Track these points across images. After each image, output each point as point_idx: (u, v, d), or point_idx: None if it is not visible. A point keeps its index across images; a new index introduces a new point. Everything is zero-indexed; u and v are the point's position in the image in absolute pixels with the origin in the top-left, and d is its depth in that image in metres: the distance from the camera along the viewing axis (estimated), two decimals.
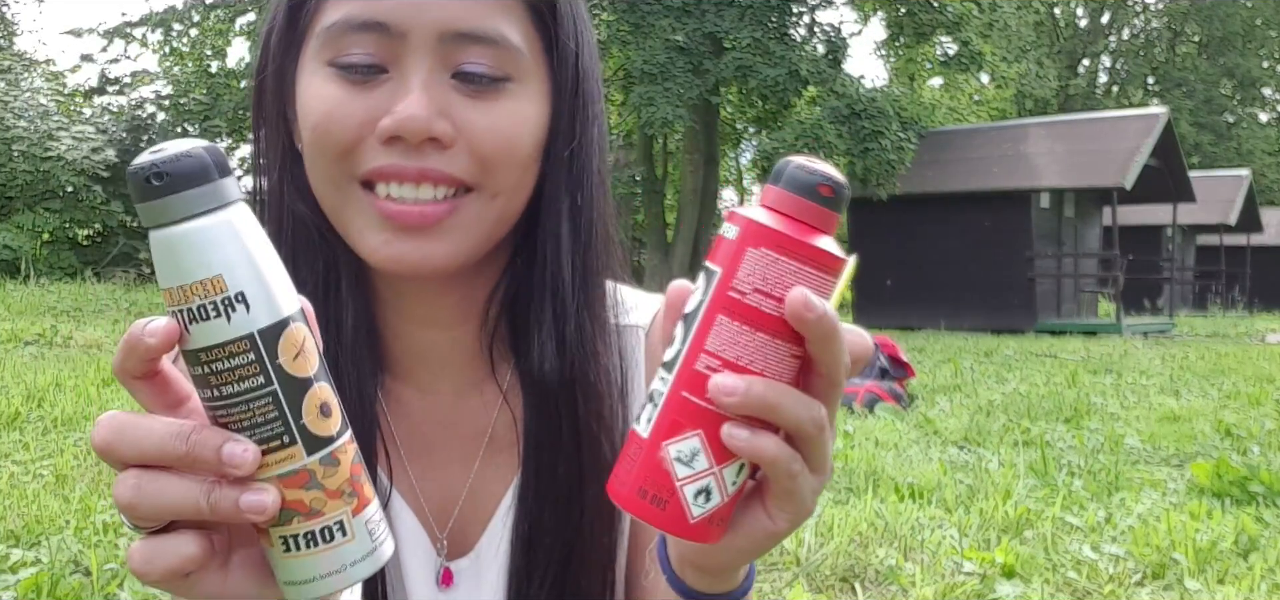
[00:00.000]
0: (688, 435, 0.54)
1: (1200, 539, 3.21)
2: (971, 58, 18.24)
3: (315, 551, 0.52)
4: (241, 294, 0.49)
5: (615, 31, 16.06)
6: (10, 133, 15.57)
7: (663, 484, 0.55)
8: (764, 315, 0.53)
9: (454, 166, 0.71)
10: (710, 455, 0.54)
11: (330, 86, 0.71)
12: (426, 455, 0.83)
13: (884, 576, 2.95)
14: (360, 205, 0.72)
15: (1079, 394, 7.18)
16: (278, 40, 0.75)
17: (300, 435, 0.51)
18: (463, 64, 0.71)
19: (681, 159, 20.89)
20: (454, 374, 0.82)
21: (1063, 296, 17.45)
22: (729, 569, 0.63)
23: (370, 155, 0.71)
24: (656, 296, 0.88)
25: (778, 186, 0.54)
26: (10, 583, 2.55)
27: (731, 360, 0.53)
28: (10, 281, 13.31)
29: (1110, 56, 41.12)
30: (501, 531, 0.82)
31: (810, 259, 0.53)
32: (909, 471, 4.30)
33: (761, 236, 0.53)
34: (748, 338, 0.53)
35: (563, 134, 0.77)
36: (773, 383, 0.53)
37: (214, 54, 21.95)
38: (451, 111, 0.70)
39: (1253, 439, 5.35)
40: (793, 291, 0.52)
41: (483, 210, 0.73)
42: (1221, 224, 22.73)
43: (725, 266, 0.54)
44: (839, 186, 0.54)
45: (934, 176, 17.22)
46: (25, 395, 5.16)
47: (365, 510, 0.53)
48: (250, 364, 0.49)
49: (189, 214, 0.48)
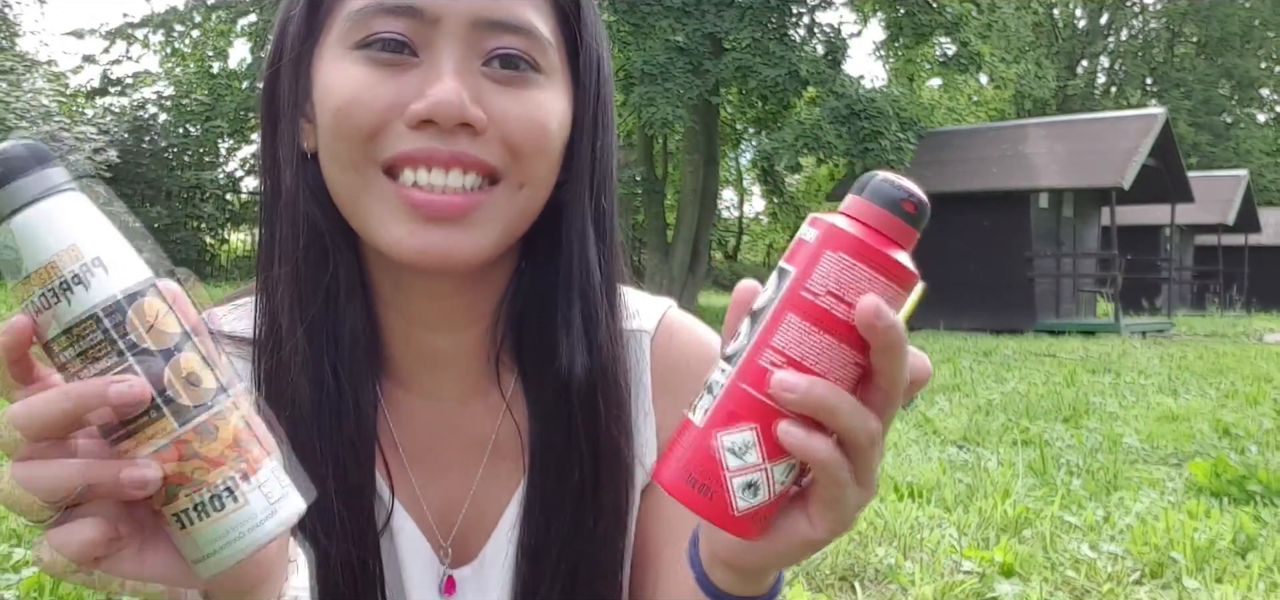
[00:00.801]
0: (742, 427, 0.54)
1: (1198, 538, 3.22)
2: (970, 58, 18.26)
3: (207, 522, 0.50)
4: (76, 275, 0.48)
5: (615, 32, 16.06)
6: (12, 133, 15.59)
7: (711, 473, 0.55)
8: (834, 318, 0.53)
9: (486, 153, 0.69)
10: (762, 450, 0.54)
11: (356, 69, 0.69)
12: (429, 461, 0.82)
13: (883, 575, 2.97)
14: (382, 192, 0.69)
15: (1078, 393, 7.19)
16: (297, 30, 0.73)
17: (167, 407, 0.49)
18: (495, 49, 0.69)
19: (681, 159, 20.91)
20: (458, 379, 0.81)
21: (1061, 296, 17.45)
22: (761, 572, 0.62)
23: (397, 139, 0.68)
24: (660, 300, 0.88)
25: (861, 197, 0.54)
26: (12, 582, 2.56)
27: (796, 358, 0.53)
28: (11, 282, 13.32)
29: (1109, 57, 41.13)
30: (506, 539, 0.81)
31: (886, 270, 0.53)
32: (908, 471, 4.31)
33: (840, 241, 0.53)
34: (815, 338, 0.53)
35: (587, 133, 0.76)
36: (834, 386, 0.53)
37: (215, 55, 21.96)
38: (483, 99, 0.69)
39: (1250, 438, 5.36)
40: (865, 298, 0.52)
41: (509, 201, 0.71)
42: (1220, 224, 22.73)
43: (800, 267, 0.54)
44: (922, 205, 0.54)
45: (933, 177, 17.21)
46: None
47: (259, 471, 0.52)
48: (99, 343, 0.49)
49: (12, 208, 0.48)
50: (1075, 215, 17.68)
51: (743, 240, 36.67)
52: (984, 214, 16.74)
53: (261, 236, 0.77)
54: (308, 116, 0.73)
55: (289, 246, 0.74)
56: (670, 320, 0.87)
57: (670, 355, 0.84)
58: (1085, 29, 40.70)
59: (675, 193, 22.09)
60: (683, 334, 0.86)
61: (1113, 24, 40.51)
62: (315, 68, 0.72)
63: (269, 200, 0.76)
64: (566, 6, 0.74)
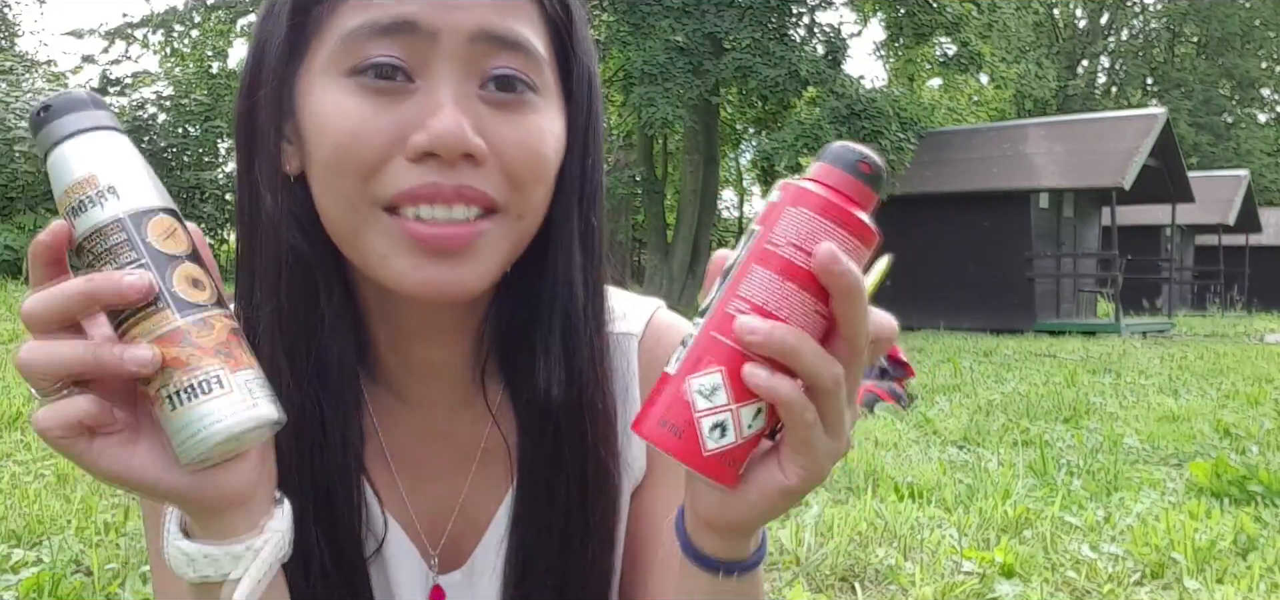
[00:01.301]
0: (710, 370, 0.57)
1: (1199, 538, 3.22)
2: (970, 58, 18.25)
3: (194, 403, 0.56)
4: (112, 186, 0.57)
5: (615, 32, 16.06)
6: (12, 133, 15.57)
7: (681, 414, 0.58)
8: (795, 266, 0.57)
9: (487, 184, 0.67)
10: (730, 392, 0.57)
11: (351, 100, 0.66)
12: (418, 469, 0.82)
13: (884, 576, 2.96)
14: (384, 228, 0.67)
15: (1078, 394, 7.18)
16: (279, 49, 0.70)
17: (171, 300, 0.57)
18: (493, 69, 0.68)
19: (681, 159, 20.90)
20: (447, 389, 0.80)
21: (1062, 296, 17.45)
22: (742, 528, 0.63)
23: (399, 176, 0.66)
24: (648, 302, 0.88)
25: (822, 161, 0.59)
26: (11, 583, 2.56)
27: (759, 305, 0.57)
28: (12, 282, 13.31)
29: (1109, 57, 41.13)
30: (495, 546, 0.81)
31: (844, 223, 0.57)
32: (908, 471, 4.31)
33: (801, 197, 0.58)
34: (778, 285, 0.57)
35: (577, 152, 0.75)
36: (795, 329, 0.56)
37: (215, 55, 21.95)
38: (483, 126, 0.67)
39: (1251, 438, 5.36)
40: (821, 244, 0.55)
41: (507, 232, 0.70)
42: (1220, 224, 22.74)
43: (766, 224, 0.58)
44: (877, 166, 0.59)
45: (933, 177, 17.22)
46: (27, 395, 5.16)
47: (242, 371, 0.58)
48: (123, 241, 0.57)
49: (71, 133, 0.58)
50: (1075, 215, 17.68)
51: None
52: (984, 214, 16.74)
53: (240, 263, 0.74)
54: (288, 138, 0.71)
55: (270, 276, 0.72)
56: (658, 322, 0.86)
57: (657, 359, 0.84)
58: (1085, 29, 40.71)
59: (675, 193, 22.09)
60: (671, 336, 0.85)
61: (1113, 24, 40.52)
62: (300, 90, 0.70)
63: (248, 226, 0.73)
64: (559, 21, 0.73)
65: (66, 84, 19.91)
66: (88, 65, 28.22)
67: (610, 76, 16.72)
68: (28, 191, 15.98)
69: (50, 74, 19.81)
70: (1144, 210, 20.49)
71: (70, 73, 22.45)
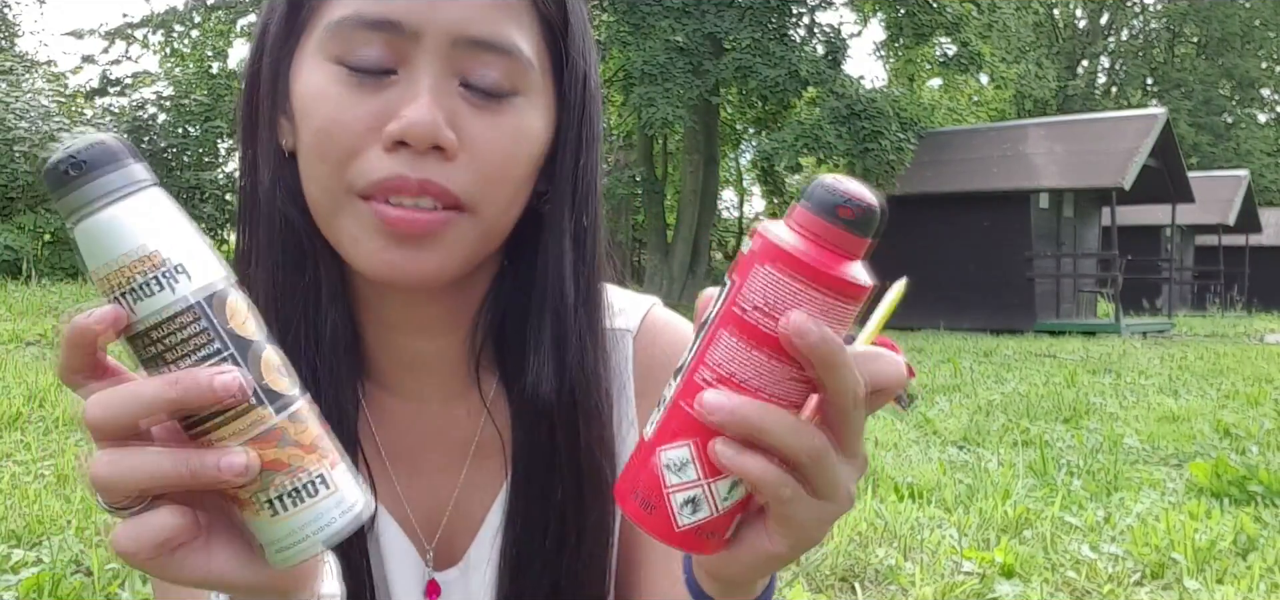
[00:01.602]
0: (679, 444, 0.53)
1: (1199, 538, 3.22)
2: (971, 58, 18.26)
3: (302, 507, 0.51)
4: (180, 265, 0.49)
5: (615, 32, 16.06)
6: (12, 134, 15.57)
7: (652, 488, 0.54)
8: (763, 334, 0.51)
9: (453, 181, 0.68)
10: (700, 467, 0.53)
11: (334, 86, 0.68)
12: (412, 463, 0.81)
13: (884, 576, 2.96)
14: (357, 212, 0.69)
15: (1078, 394, 7.18)
16: (276, 32, 0.72)
17: (264, 395, 0.50)
18: (472, 74, 0.69)
19: (681, 159, 20.91)
20: (440, 382, 0.80)
21: (1062, 297, 17.45)
22: (741, 582, 0.61)
23: (373, 165, 0.68)
24: (644, 298, 0.87)
25: (801, 205, 0.52)
26: (12, 583, 2.56)
27: (727, 376, 0.52)
28: (12, 282, 13.31)
29: (1109, 57, 41.14)
30: (490, 541, 0.81)
31: (820, 282, 0.50)
32: (908, 471, 4.31)
33: (770, 254, 0.51)
34: (745, 355, 0.52)
35: (569, 151, 0.75)
36: (764, 405, 0.51)
37: (215, 55, 21.96)
38: (458, 121, 0.68)
39: (1251, 439, 5.36)
40: (788, 316, 0.50)
41: (471, 229, 0.71)
42: (1220, 224, 22.74)
43: (736, 281, 0.53)
44: (861, 209, 0.51)
45: (933, 177, 17.22)
46: (27, 395, 5.17)
47: (339, 464, 0.53)
48: (202, 331, 0.49)
49: (114, 195, 0.49)
50: (1075, 215, 17.68)
51: (743, 240, 36.57)
52: (984, 214, 16.74)
53: (239, 235, 0.76)
54: (286, 115, 0.73)
55: (267, 247, 0.73)
56: (654, 319, 0.86)
57: (653, 356, 0.83)
58: (1085, 29, 40.72)
59: (675, 193, 22.10)
60: (667, 333, 0.85)
61: (1113, 24, 40.52)
62: (294, 71, 0.71)
63: (247, 199, 0.75)
64: (553, 20, 0.73)
65: (66, 84, 19.90)
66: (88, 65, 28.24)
67: (610, 77, 16.72)
68: (28, 192, 15.99)
69: (50, 74, 19.79)
70: (1144, 210, 20.48)
71: (70, 73, 22.46)
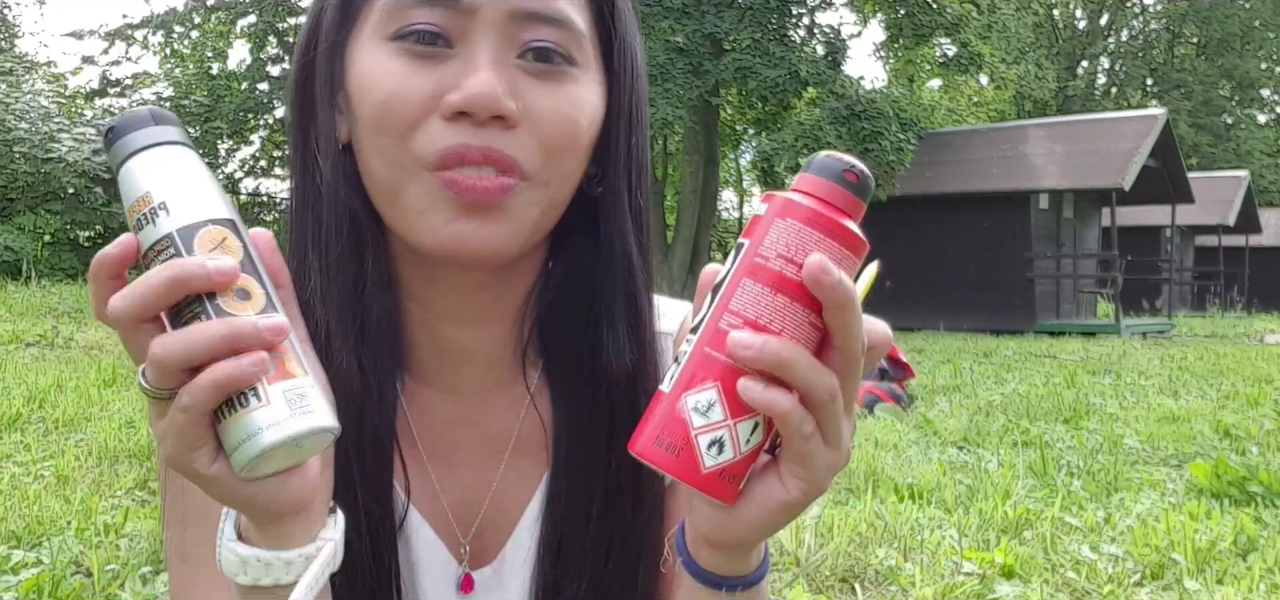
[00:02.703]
0: (706, 386, 0.57)
1: (1199, 539, 3.22)
2: (970, 59, 18.26)
3: (235, 416, 0.56)
4: (163, 202, 0.59)
5: None
6: (12, 134, 15.58)
7: (678, 433, 0.57)
8: (786, 279, 0.56)
9: (517, 150, 0.69)
10: (726, 408, 0.57)
11: (393, 62, 0.69)
12: (449, 457, 0.81)
13: (884, 577, 2.96)
14: (424, 184, 0.69)
15: (1078, 394, 7.18)
16: (330, 22, 0.73)
17: (215, 313, 0.57)
18: (530, 44, 0.70)
19: (681, 160, 20.91)
20: (480, 374, 0.80)
21: (1062, 297, 17.46)
22: (742, 544, 0.63)
23: (435, 135, 0.68)
24: (680, 302, 0.88)
25: (808, 173, 0.59)
26: (11, 583, 2.56)
27: (752, 319, 0.56)
28: (12, 283, 13.31)
29: (1109, 58, 41.16)
30: (527, 540, 0.80)
31: (833, 232, 0.56)
32: (908, 472, 4.31)
33: (789, 209, 0.57)
34: (769, 299, 0.56)
35: (623, 129, 0.76)
36: (788, 342, 0.55)
37: (215, 56, 21.96)
38: (518, 91, 0.69)
39: (1251, 439, 5.36)
40: (811, 256, 0.55)
41: (537, 197, 0.71)
42: (1220, 225, 22.74)
43: (754, 237, 0.57)
44: (863, 174, 0.58)
45: (933, 177, 17.23)
46: (26, 396, 5.17)
47: (287, 381, 0.57)
48: (172, 257, 0.58)
49: (131, 151, 0.61)
50: (1075, 216, 17.69)
51: None
52: (984, 214, 16.75)
53: (294, 226, 0.77)
54: (338, 108, 0.74)
55: (331, 237, 0.74)
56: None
57: None
58: (1085, 30, 40.73)
59: (675, 193, 22.10)
60: None
61: (1113, 25, 40.54)
62: (349, 58, 0.72)
63: (302, 191, 0.76)
64: (602, 1, 0.74)
65: (66, 85, 19.93)
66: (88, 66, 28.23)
67: None
68: (28, 193, 15.99)
69: (50, 75, 19.81)
70: (1144, 211, 20.49)
71: (70, 73, 22.47)
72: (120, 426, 4.50)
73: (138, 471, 3.82)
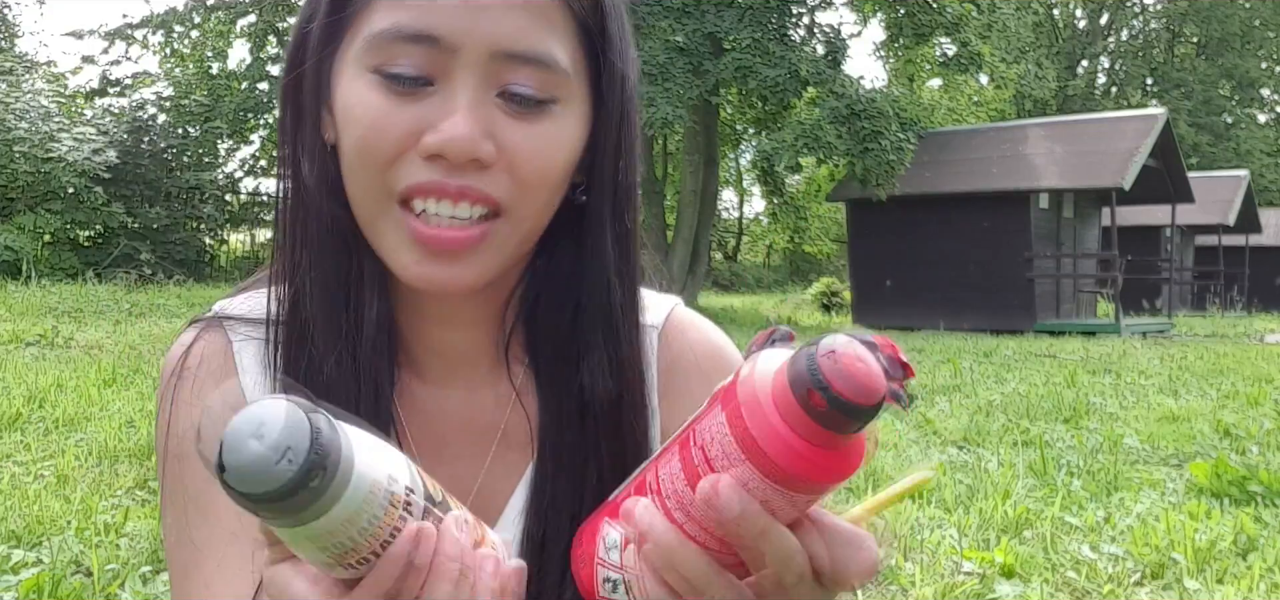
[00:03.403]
0: (618, 526, 0.54)
1: (1199, 539, 3.22)
2: (970, 59, 18.23)
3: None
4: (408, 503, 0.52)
5: None
6: (11, 134, 15.57)
7: (589, 548, 0.56)
8: (699, 478, 0.49)
9: (492, 187, 0.70)
10: (625, 558, 0.54)
11: (374, 95, 0.70)
12: (438, 450, 0.83)
13: (884, 576, 2.96)
14: (395, 222, 0.71)
15: (1078, 394, 7.18)
16: (320, 32, 0.74)
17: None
18: (510, 84, 0.70)
19: (681, 159, 20.89)
20: (468, 370, 0.83)
21: (1062, 297, 17.45)
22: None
23: (410, 170, 0.70)
24: (668, 297, 0.89)
25: (791, 366, 0.47)
26: (11, 583, 2.56)
27: (665, 505, 0.51)
28: (11, 282, 13.31)
29: (1109, 57, 41.14)
30: (510, 530, 0.82)
31: (763, 467, 0.46)
32: (908, 471, 4.30)
33: (731, 402, 0.48)
34: (683, 489, 0.50)
35: (609, 155, 0.77)
36: (686, 543, 0.50)
37: (215, 56, 21.94)
38: (495, 131, 0.70)
39: (1251, 439, 5.36)
40: (705, 480, 0.48)
41: (510, 234, 0.73)
42: (1220, 224, 22.73)
43: (704, 407, 0.51)
44: (837, 404, 0.44)
45: (933, 177, 17.22)
46: (27, 396, 5.17)
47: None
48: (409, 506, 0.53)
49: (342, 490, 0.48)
50: (1075, 216, 17.68)
51: (743, 241, 36.63)
52: (984, 214, 16.74)
53: (281, 226, 0.78)
54: (329, 108, 0.75)
55: (314, 238, 0.75)
56: (677, 317, 0.88)
57: (675, 353, 0.86)
58: (1085, 29, 40.72)
59: (675, 193, 22.08)
60: (689, 332, 0.88)
61: (1113, 24, 40.53)
62: (336, 72, 0.74)
63: (294, 190, 0.77)
64: (590, 25, 0.74)
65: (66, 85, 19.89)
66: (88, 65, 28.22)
67: None
68: (28, 192, 15.99)
69: (50, 74, 19.79)
70: (1144, 210, 20.48)
71: (70, 73, 22.43)
72: (120, 426, 4.50)
73: (138, 471, 3.82)
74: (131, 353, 7.64)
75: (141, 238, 16.92)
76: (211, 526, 0.75)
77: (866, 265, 17.64)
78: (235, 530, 0.75)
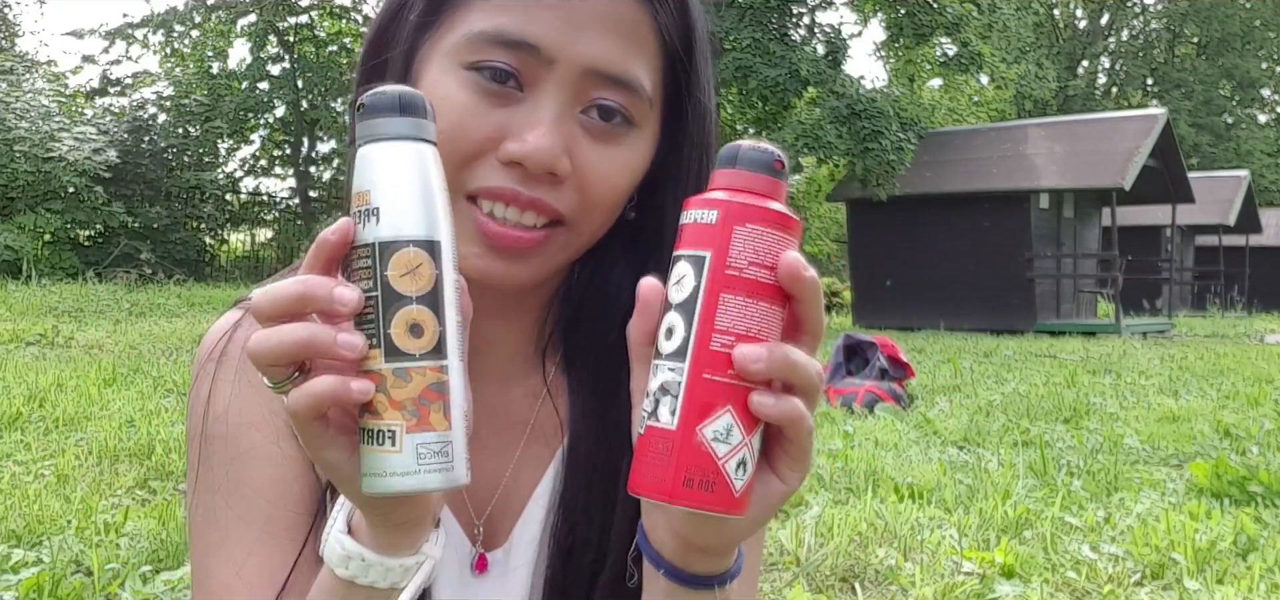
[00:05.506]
0: (720, 413, 0.57)
1: (1199, 539, 3.22)
2: (971, 59, 18.25)
3: (370, 449, 0.58)
4: (377, 209, 0.57)
5: None
6: (12, 134, 15.58)
7: (707, 467, 0.57)
8: (762, 285, 0.57)
9: (559, 201, 0.72)
10: (742, 427, 0.57)
11: (464, 93, 0.71)
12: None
13: (884, 576, 2.96)
14: (461, 214, 0.72)
15: (1078, 394, 7.18)
16: (415, 22, 0.75)
17: (383, 341, 0.57)
18: (598, 99, 0.72)
19: None
20: (503, 363, 0.84)
21: (1062, 297, 17.45)
22: (736, 543, 0.65)
23: (486, 172, 0.72)
24: None
25: (738, 169, 0.59)
26: (12, 583, 2.56)
27: (743, 333, 0.57)
28: (12, 282, 13.32)
29: (1109, 57, 41.16)
30: (533, 524, 0.83)
31: (782, 225, 0.58)
32: (909, 472, 4.31)
33: (744, 215, 0.57)
34: (753, 309, 0.57)
35: (686, 178, 0.79)
36: (787, 346, 0.57)
37: (215, 55, 21.97)
38: (573, 148, 0.72)
39: (1251, 439, 5.36)
40: (786, 257, 0.57)
41: (567, 244, 0.75)
42: (1220, 224, 22.73)
43: (715, 249, 0.57)
44: (785, 161, 0.60)
45: (933, 177, 17.22)
46: (27, 395, 5.17)
47: (425, 433, 0.57)
48: (368, 267, 0.57)
49: (370, 138, 0.58)
50: (1076, 216, 17.68)
51: None
52: (984, 214, 16.74)
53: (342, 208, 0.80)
54: None
55: None
56: None
57: None
58: (1086, 29, 40.73)
59: None
60: None
61: (1113, 24, 40.53)
62: (424, 64, 0.74)
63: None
64: (677, 57, 0.76)
65: (66, 84, 19.91)
66: (88, 65, 28.22)
67: None
68: (28, 192, 15.99)
69: (50, 74, 19.80)
70: (1144, 211, 20.48)
71: (70, 73, 22.46)
72: (120, 426, 4.50)
73: (138, 471, 3.82)
74: (132, 352, 7.65)
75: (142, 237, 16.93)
76: (245, 505, 0.76)
77: (866, 265, 17.64)
78: (268, 514, 0.75)
